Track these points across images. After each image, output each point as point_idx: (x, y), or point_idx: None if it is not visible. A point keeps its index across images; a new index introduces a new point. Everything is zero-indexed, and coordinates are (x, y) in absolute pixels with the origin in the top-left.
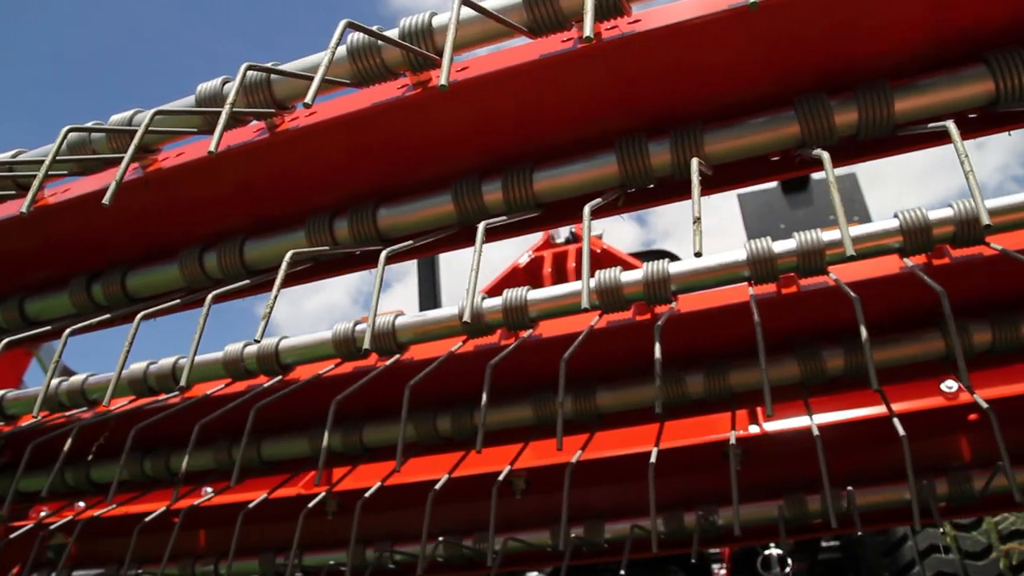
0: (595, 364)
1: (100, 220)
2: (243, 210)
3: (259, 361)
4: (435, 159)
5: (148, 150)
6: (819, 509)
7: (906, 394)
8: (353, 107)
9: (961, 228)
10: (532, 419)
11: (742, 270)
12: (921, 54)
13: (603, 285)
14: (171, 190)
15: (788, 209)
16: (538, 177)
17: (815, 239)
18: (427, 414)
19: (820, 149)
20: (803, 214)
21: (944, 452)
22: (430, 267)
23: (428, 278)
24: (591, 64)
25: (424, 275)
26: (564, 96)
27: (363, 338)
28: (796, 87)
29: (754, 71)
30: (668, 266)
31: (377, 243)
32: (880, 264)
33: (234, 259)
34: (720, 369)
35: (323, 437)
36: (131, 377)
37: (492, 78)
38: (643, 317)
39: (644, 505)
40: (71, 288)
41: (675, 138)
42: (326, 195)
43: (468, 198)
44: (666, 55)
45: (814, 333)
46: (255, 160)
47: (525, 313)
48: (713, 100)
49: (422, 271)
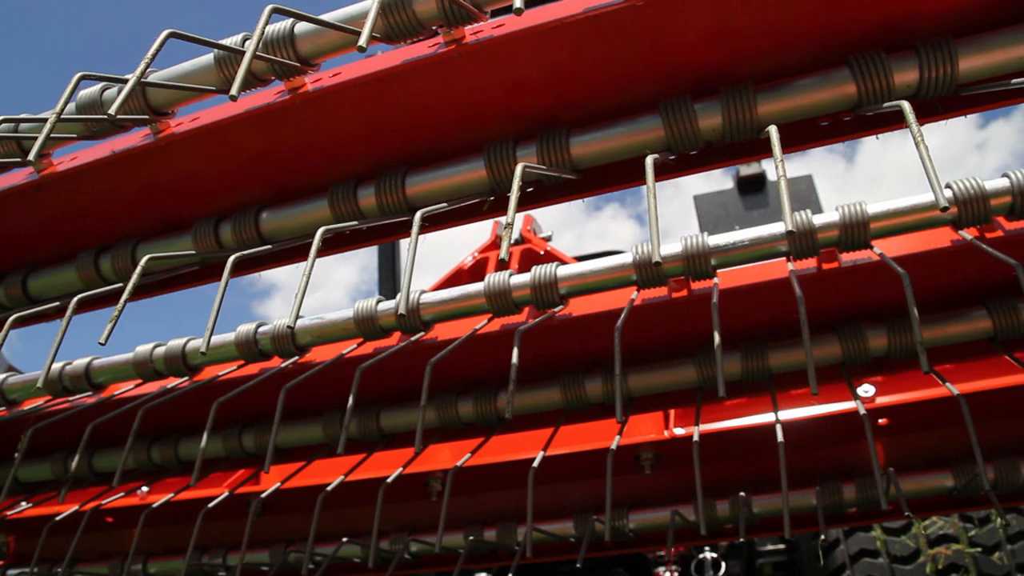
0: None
1: (109, 190)
2: (261, 180)
3: (274, 342)
4: (466, 124)
5: (160, 112)
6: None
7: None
8: (382, 65)
9: (1018, 199)
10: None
11: (779, 244)
12: (976, 16)
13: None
14: (183, 158)
15: (743, 210)
16: (575, 142)
17: (860, 211)
18: (449, 397)
19: (893, 102)
20: (758, 215)
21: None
22: (390, 251)
23: (388, 263)
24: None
25: (384, 259)
26: (604, 58)
27: (389, 313)
28: (849, 48)
29: (804, 33)
30: (708, 240)
31: (405, 213)
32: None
33: (250, 230)
34: (758, 349)
35: (344, 414)
36: (133, 361)
37: (533, 32)
38: (679, 294)
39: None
40: (79, 262)
41: (726, 99)
42: (350, 163)
43: (502, 163)
44: (710, 19)
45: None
46: (275, 124)
47: (555, 290)
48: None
49: (382, 255)
